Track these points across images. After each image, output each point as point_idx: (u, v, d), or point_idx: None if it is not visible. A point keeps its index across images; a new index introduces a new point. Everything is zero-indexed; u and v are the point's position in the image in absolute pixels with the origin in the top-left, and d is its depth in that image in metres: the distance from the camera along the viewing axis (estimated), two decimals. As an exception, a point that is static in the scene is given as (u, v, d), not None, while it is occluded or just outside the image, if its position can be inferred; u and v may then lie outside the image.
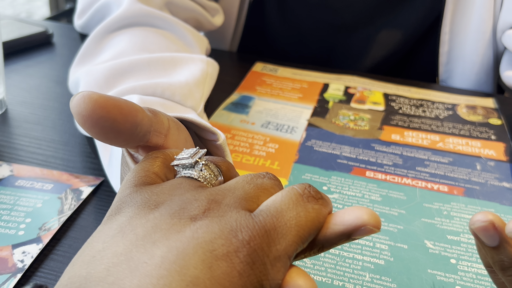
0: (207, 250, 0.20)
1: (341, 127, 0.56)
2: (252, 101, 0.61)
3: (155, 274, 0.19)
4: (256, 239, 0.20)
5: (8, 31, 0.72)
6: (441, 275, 0.36)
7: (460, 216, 0.42)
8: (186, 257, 0.19)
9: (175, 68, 0.45)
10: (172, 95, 0.41)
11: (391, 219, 0.41)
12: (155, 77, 0.43)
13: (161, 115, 0.28)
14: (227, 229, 0.21)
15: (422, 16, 0.70)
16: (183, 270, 0.19)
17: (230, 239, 0.20)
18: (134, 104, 0.26)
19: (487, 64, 0.68)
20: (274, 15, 0.75)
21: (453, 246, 0.39)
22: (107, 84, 0.43)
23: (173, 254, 0.19)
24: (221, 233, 0.20)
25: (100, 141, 0.26)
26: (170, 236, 0.20)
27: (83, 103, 0.24)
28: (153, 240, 0.20)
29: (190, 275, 0.19)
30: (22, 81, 0.63)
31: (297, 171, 0.47)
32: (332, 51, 0.76)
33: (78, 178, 0.44)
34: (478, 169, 0.50)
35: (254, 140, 0.52)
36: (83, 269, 0.20)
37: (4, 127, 0.52)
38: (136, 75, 0.44)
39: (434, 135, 0.56)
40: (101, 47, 0.50)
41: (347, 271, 0.36)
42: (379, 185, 0.46)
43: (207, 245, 0.20)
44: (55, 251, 0.36)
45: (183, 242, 0.20)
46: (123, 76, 0.44)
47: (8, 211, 0.40)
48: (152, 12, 0.52)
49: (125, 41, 0.49)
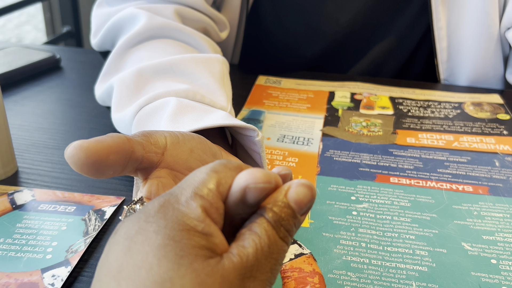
0: (121, 237, 0.23)
1: (355, 135, 0.56)
2: (262, 115, 0.61)
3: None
4: (160, 200, 0.23)
5: (17, 58, 0.72)
6: (485, 276, 0.36)
7: (491, 215, 0.43)
8: (109, 258, 0.22)
9: (198, 68, 0.46)
10: (202, 98, 0.43)
11: (424, 224, 0.41)
12: (179, 79, 0.45)
13: (156, 136, 0.30)
14: (134, 215, 0.23)
15: (415, 17, 0.71)
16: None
17: (138, 219, 0.23)
18: (123, 137, 0.28)
19: (494, 58, 0.68)
20: (270, 23, 0.76)
21: (491, 246, 0.39)
22: (137, 90, 0.45)
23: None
24: (130, 221, 0.23)
25: (99, 178, 0.29)
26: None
27: (76, 154, 0.26)
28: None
29: (115, 268, 0.21)
30: (36, 107, 0.62)
31: (322, 184, 0.47)
32: (329, 56, 0.76)
33: (100, 199, 0.44)
34: (498, 166, 0.50)
35: (273, 156, 0.52)
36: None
37: (26, 154, 0.51)
38: (162, 78, 0.45)
39: (448, 135, 0.56)
40: (124, 62, 0.51)
41: (393, 281, 0.36)
42: (406, 191, 0.46)
43: (120, 233, 0.23)
44: (83, 273, 0.36)
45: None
46: (149, 81, 0.45)
47: (34, 235, 0.39)
48: (169, 24, 0.53)
49: (146, 54, 0.50)
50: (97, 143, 0.27)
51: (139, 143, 0.29)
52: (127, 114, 0.43)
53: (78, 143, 0.27)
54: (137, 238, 0.22)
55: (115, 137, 0.28)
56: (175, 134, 0.32)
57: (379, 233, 0.40)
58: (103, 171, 0.27)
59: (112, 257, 0.22)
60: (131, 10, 0.54)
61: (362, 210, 0.43)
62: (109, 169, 0.27)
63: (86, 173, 0.27)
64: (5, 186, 0.46)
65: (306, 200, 0.24)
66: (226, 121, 0.37)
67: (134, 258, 0.21)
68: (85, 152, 0.26)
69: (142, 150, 0.29)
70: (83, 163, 0.26)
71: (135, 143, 0.29)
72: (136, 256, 0.21)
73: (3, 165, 0.47)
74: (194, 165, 0.32)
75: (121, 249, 0.22)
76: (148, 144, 0.30)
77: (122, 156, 0.28)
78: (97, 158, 0.27)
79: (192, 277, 0.21)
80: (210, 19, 0.64)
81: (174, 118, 0.38)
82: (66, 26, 1.99)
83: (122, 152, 0.28)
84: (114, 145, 0.27)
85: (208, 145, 0.34)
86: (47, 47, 0.84)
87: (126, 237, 0.22)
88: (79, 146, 0.26)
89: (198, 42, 0.54)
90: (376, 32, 0.73)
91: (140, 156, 0.29)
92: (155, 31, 0.53)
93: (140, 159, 0.29)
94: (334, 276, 0.36)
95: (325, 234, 0.40)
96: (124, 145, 0.28)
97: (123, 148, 0.28)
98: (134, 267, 0.21)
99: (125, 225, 0.23)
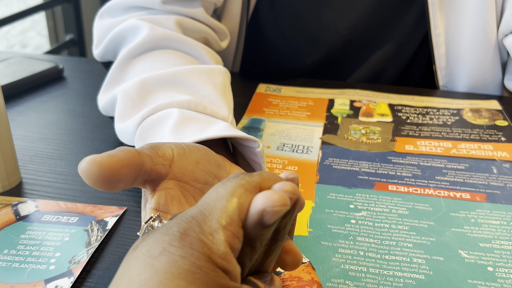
0: (143, 255, 0.23)
1: (354, 142, 0.57)
2: (262, 123, 0.61)
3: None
4: (185, 226, 0.23)
5: (20, 69, 0.73)
6: (482, 284, 0.37)
7: (488, 222, 0.43)
8: (130, 271, 0.23)
9: (200, 79, 0.47)
10: (204, 109, 0.44)
11: (422, 232, 0.42)
12: (182, 90, 0.46)
13: (163, 148, 0.31)
14: (156, 234, 0.24)
15: (413, 24, 0.72)
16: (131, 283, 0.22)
17: (163, 241, 0.23)
18: (133, 150, 0.29)
19: (492, 65, 0.69)
20: (270, 31, 0.76)
21: (487, 254, 0.40)
22: (141, 101, 0.46)
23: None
24: (153, 240, 0.24)
25: (110, 191, 0.31)
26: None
27: (90, 168, 0.27)
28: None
29: (137, 281, 0.22)
30: (40, 117, 0.63)
31: (321, 192, 0.47)
32: (328, 63, 0.77)
33: (102, 209, 0.45)
34: (495, 173, 0.51)
35: (273, 164, 0.52)
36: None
37: (30, 165, 0.52)
38: (165, 89, 0.46)
39: (446, 142, 0.57)
40: (126, 72, 0.52)
41: (391, 289, 0.36)
42: (404, 198, 0.46)
43: (142, 250, 0.23)
44: (86, 283, 0.37)
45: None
46: (152, 91, 0.46)
47: (37, 246, 0.40)
48: (170, 35, 0.54)
49: (148, 65, 0.51)
50: (109, 158, 0.28)
51: (148, 156, 0.30)
52: (130, 125, 0.44)
53: (91, 158, 0.27)
54: (161, 258, 0.23)
55: (126, 151, 0.29)
56: (181, 146, 0.33)
57: (377, 241, 0.41)
58: (115, 185, 0.28)
59: (133, 271, 0.23)
60: (133, 21, 0.55)
61: (360, 219, 0.44)
62: (121, 182, 0.28)
63: (99, 186, 0.28)
64: (9, 197, 0.47)
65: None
66: (228, 132, 0.38)
67: (159, 276, 0.22)
68: (98, 166, 0.27)
69: (150, 163, 0.30)
70: (97, 177, 0.27)
71: (144, 156, 0.30)
72: (162, 274, 0.22)
73: (7, 176, 0.47)
74: (200, 176, 0.33)
75: (144, 265, 0.23)
76: (156, 157, 0.31)
77: (133, 169, 0.29)
78: (110, 172, 0.28)
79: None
80: (211, 29, 0.64)
81: (177, 129, 0.39)
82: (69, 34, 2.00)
83: (133, 165, 0.29)
84: (125, 158, 0.28)
85: (212, 156, 0.34)
86: (50, 57, 0.85)
87: (149, 255, 0.23)
88: (93, 161, 0.27)
89: (200, 52, 0.55)
90: (375, 40, 0.74)
91: (149, 168, 0.30)
92: (157, 42, 0.54)
93: (149, 172, 0.30)
94: (333, 285, 0.36)
95: (324, 243, 0.41)
96: (134, 158, 0.29)
97: (134, 161, 0.29)
98: (160, 283, 0.22)
99: (147, 243, 0.24)
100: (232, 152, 0.44)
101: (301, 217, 0.44)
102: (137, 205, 0.46)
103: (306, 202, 0.46)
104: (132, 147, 0.30)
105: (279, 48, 0.77)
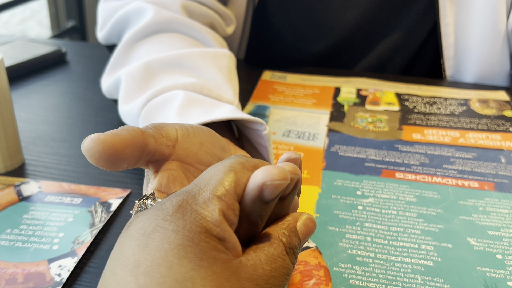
0: (136, 233, 0.23)
1: (361, 130, 0.56)
2: (268, 110, 0.61)
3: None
4: (178, 199, 0.23)
5: (23, 51, 0.72)
6: (490, 271, 0.36)
7: (496, 211, 0.43)
8: (124, 252, 0.23)
9: (205, 63, 0.46)
10: (209, 92, 0.43)
11: (430, 219, 0.41)
12: (187, 73, 0.45)
13: (167, 128, 0.31)
14: (150, 210, 0.24)
15: (422, 13, 0.71)
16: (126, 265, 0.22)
17: (155, 217, 0.23)
18: (137, 130, 0.28)
19: (501, 55, 0.68)
20: (277, 18, 0.76)
21: (496, 242, 0.39)
22: (145, 83, 0.45)
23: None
24: (146, 217, 0.23)
25: (113, 171, 0.30)
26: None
27: (93, 147, 0.26)
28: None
29: (132, 262, 0.21)
30: (43, 100, 0.62)
31: (328, 178, 0.47)
32: (335, 51, 0.76)
33: (106, 191, 0.45)
34: (503, 162, 0.50)
35: (278, 150, 0.52)
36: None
37: (32, 147, 0.51)
38: (170, 72, 0.45)
39: (454, 131, 0.56)
40: (130, 55, 0.52)
41: (399, 275, 0.36)
42: (411, 186, 0.46)
43: (135, 228, 0.23)
44: (90, 264, 0.37)
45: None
46: (156, 74, 0.45)
47: (40, 226, 0.40)
48: (175, 18, 0.53)
49: (153, 48, 0.50)
50: (113, 136, 0.27)
51: (151, 136, 0.29)
52: (135, 107, 0.44)
53: (95, 136, 0.27)
54: (154, 235, 0.22)
55: (130, 130, 0.28)
56: (185, 127, 0.32)
57: (385, 228, 0.40)
58: (119, 164, 0.28)
59: (127, 251, 0.22)
60: (138, 3, 0.54)
61: (367, 205, 0.43)
62: (124, 162, 0.28)
63: (103, 166, 0.27)
64: (12, 178, 0.46)
65: (310, 234, 0.27)
66: (234, 114, 0.37)
67: (152, 255, 0.22)
68: (102, 145, 0.26)
69: (154, 143, 0.29)
70: (100, 156, 0.27)
71: (148, 136, 0.29)
72: (155, 253, 0.22)
73: (10, 157, 0.47)
74: (204, 158, 0.32)
75: (138, 244, 0.22)
76: (159, 137, 0.30)
77: (137, 149, 0.28)
78: (113, 151, 0.27)
79: (212, 279, 0.21)
80: (217, 14, 0.64)
81: (182, 111, 0.39)
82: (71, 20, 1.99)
83: (136, 145, 0.28)
84: (129, 138, 0.28)
85: (217, 138, 0.34)
86: (52, 41, 0.84)
87: (143, 233, 0.23)
88: (97, 139, 0.26)
89: (205, 36, 0.54)
90: (383, 28, 0.73)
91: (152, 148, 0.29)
92: (162, 25, 0.53)
93: (153, 152, 0.29)
94: (340, 270, 0.36)
95: (331, 228, 0.40)
96: (138, 138, 0.28)
97: (138, 141, 0.28)
98: (153, 263, 0.21)
99: (140, 220, 0.23)
100: (238, 137, 0.44)
101: (307, 202, 0.43)
102: (141, 188, 0.45)
103: (312, 187, 0.45)
104: (136, 127, 0.30)
105: (285, 35, 0.76)
